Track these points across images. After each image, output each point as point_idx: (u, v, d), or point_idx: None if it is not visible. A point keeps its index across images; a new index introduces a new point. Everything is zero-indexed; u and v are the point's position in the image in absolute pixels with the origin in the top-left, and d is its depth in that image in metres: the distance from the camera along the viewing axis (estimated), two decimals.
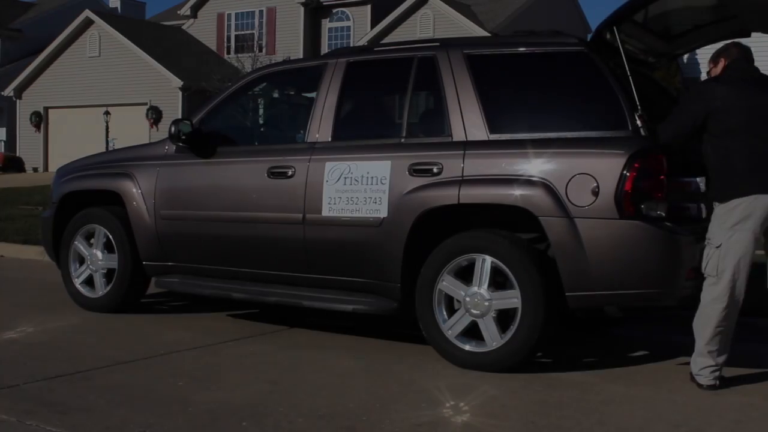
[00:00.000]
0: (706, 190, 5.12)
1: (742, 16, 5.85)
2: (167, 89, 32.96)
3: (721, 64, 5.25)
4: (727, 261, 4.91)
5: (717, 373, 5.01)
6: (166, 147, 6.79)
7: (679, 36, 6.32)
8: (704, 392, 4.96)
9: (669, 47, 6.40)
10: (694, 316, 5.06)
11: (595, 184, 5.02)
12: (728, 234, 4.90)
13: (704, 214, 5.31)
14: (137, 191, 6.77)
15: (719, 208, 4.96)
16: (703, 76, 20.34)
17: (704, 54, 23.14)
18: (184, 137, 6.50)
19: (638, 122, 5.11)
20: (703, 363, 5.02)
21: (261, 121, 9.60)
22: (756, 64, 5.23)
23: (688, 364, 5.66)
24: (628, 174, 4.97)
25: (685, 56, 21.01)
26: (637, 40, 5.93)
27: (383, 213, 5.61)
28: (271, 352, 5.76)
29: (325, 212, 5.85)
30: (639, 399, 4.81)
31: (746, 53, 5.22)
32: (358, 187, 5.73)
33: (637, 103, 5.16)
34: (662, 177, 5.05)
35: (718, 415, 4.53)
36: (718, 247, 4.92)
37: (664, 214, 5.03)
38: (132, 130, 32.23)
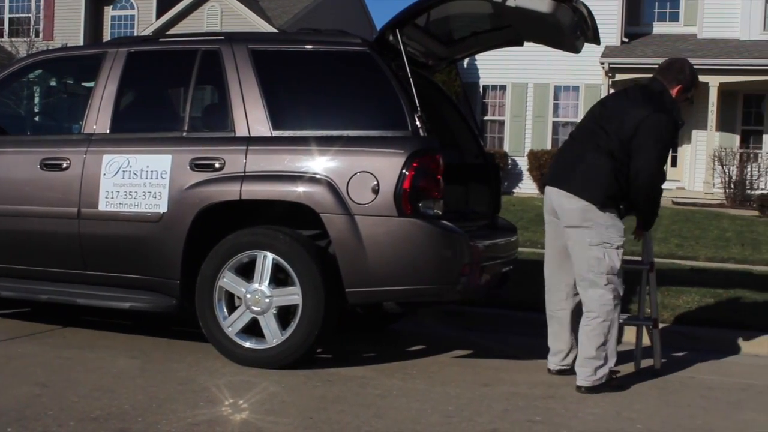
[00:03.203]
0: None
1: (516, 26, 6.16)
2: None
3: None
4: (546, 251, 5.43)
5: (554, 363, 5.46)
6: None
7: (458, 41, 6.56)
8: (475, 384, 5.18)
9: (449, 52, 6.63)
10: None
11: (376, 182, 5.13)
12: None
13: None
14: None
15: None
16: (482, 82, 21.40)
17: (482, 60, 24.25)
18: None
19: (418, 123, 5.26)
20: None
21: (35, 110, 9.16)
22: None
23: (462, 357, 5.91)
24: (406, 173, 5.11)
25: (465, 61, 21.96)
26: (418, 43, 6.11)
27: (163, 208, 5.49)
28: (41, 353, 5.50)
29: (102, 207, 5.66)
30: (414, 392, 4.96)
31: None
32: (137, 181, 5.57)
33: (417, 105, 5.31)
34: (439, 177, 5.22)
35: (488, 406, 4.74)
36: None
37: (440, 213, 5.21)
38: None
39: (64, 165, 5.79)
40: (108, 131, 5.84)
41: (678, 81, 5.27)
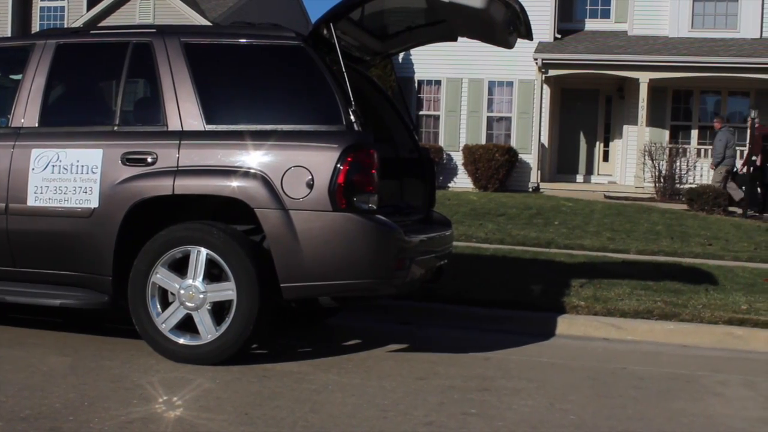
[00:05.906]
0: None
1: (450, 22, 6.20)
2: None
3: None
4: None
5: None
6: None
7: (393, 36, 6.58)
8: (411, 378, 5.20)
9: (383, 46, 6.64)
10: None
11: (310, 177, 5.12)
12: None
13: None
14: None
15: None
16: (417, 76, 21.46)
17: (417, 54, 24.26)
18: None
19: (352, 117, 5.26)
20: None
21: None
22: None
23: (397, 351, 5.93)
24: (341, 167, 5.10)
25: (400, 56, 22.01)
26: (353, 37, 6.11)
27: (94, 203, 5.41)
28: None
29: (31, 202, 5.55)
30: (350, 386, 4.96)
31: None
32: (67, 176, 5.48)
33: (352, 99, 5.30)
34: (374, 171, 5.23)
35: (423, 399, 4.76)
36: None
37: (375, 207, 5.22)
38: None
39: None
40: (36, 125, 5.72)
41: None
